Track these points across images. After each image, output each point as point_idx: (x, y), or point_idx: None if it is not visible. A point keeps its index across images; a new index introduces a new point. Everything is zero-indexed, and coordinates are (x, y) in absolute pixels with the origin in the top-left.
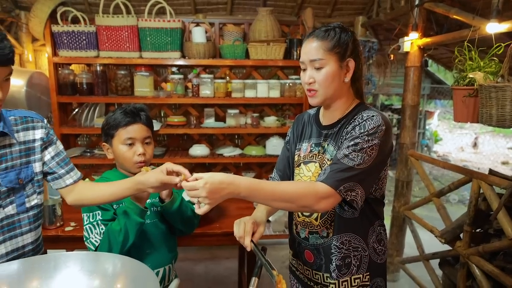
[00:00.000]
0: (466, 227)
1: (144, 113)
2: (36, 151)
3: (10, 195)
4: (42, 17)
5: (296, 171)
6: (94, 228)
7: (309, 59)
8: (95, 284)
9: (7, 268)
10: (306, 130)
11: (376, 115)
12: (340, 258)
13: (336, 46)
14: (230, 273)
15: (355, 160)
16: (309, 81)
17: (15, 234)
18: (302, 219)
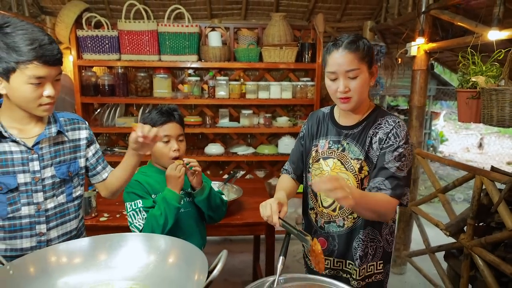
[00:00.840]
0: (469, 221)
1: (177, 113)
2: (81, 149)
3: (62, 185)
4: (68, 23)
5: (315, 166)
6: (137, 214)
7: (345, 70)
8: (151, 259)
9: (80, 244)
10: (322, 127)
11: (400, 120)
12: (363, 249)
13: (366, 56)
14: (244, 266)
15: (404, 170)
16: (345, 90)
17: (64, 220)
18: (321, 210)
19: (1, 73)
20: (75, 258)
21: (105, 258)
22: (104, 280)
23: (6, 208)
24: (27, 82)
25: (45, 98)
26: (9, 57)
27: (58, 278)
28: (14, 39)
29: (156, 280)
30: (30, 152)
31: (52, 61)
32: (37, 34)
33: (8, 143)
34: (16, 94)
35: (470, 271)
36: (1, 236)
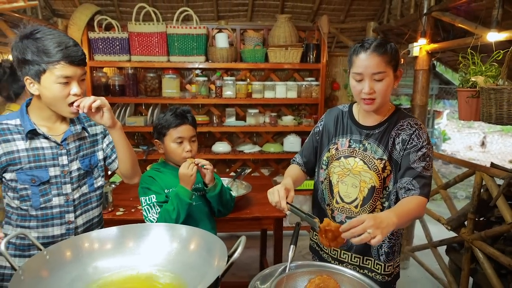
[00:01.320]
0: (470, 215)
1: (190, 115)
2: (99, 142)
3: (85, 177)
4: (80, 25)
5: (335, 164)
6: (151, 208)
7: (372, 72)
8: (174, 246)
9: (109, 232)
10: (341, 125)
11: (420, 122)
12: (389, 246)
13: (392, 59)
14: (251, 261)
15: (429, 170)
16: (370, 92)
17: (87, 209)
18: (341, 205)
19: (34, 75)
20: (104, 245)
21: (132, 246)
22: (130, 265)
23: (39, 199)
24: (56, 81)
25: (72, 96)
26: (40, 59)
27: (88, 263)
28: (43, 43)
29: (179, 266)
30: (59, 148)
31: (77, 61)
32: (63, 38)
33: (40, 140)
34: (46, 93)
35: (471, 264)
36: (34, 225)
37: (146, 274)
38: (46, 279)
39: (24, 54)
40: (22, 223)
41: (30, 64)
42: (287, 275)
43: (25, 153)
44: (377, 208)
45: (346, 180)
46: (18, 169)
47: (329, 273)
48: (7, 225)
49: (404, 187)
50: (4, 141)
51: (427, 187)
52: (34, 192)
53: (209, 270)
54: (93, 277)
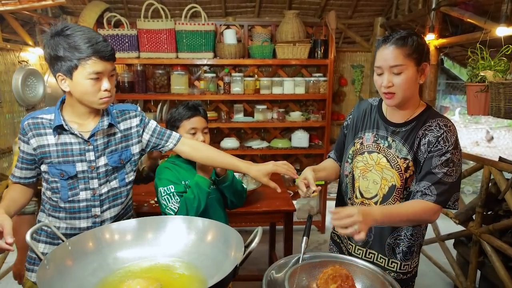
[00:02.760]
0: (478, 209)
1: (201, 108)
2: (133, 137)
3: (114, 172)
4: (90, 22)
5: (359, 158)
6: (171, 198)
7: (389, 65)
8: (192, 237)
9: (129, 224)
10: (368, 120)
11: (451, 124)
12: (408, 246)
13: (414, 52)
14: (260, 255)
15: (452, 175)
16: (388, 85)
17: (116, 203)
18: (360, 200)
19: (66, 72)
20: (124, 237)
21: (150, 237)
22: (148, 256)
23: (67, 192)
24: (87, 77)
25: (103, 92)
26: (72, 55)
27: (109, 253)
28: (74, 39)
29: (196, 257)
30: (87, 144)
31: (108, 56)
32: (93, 34)
33: (69, 135)
34: (78, 89)
35: (479, 257)
36: (63, 216)
37: (164, 264)
38: (70, 268)
39: (56, 51)
40: (53, 213)
41: (62, 61)
42: (301, 265)
43: (54, 147)
44: None
45: (368, 175)
46: (48, 162)
47: (342, 263)
48: (42, 213)
49: (421, 190)
50: (37, 135)
51: (446, 194)
52: (63, 186)
53: (226, 260)
54: (113, 267)
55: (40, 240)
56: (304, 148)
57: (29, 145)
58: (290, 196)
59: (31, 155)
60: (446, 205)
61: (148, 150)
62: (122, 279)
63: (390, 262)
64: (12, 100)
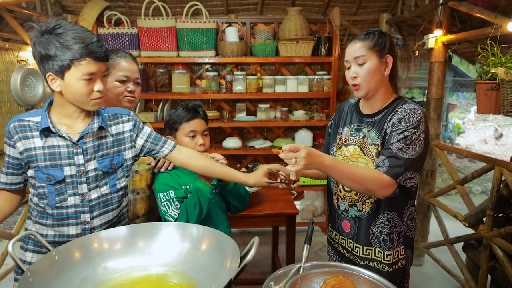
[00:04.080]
0: (488, 211)
1: (201, 109)
2: (126, 141)
3: (105, 177)
4: (90, 21)
5: (338, 153)
6: (171, 204)
7: (353, 57)
8: (185, 246)
9: (119, 232)
10: (347, 116)
11: (416, 108)
12: (387, 233)
13: (376, 45)
14: (263, 257)
15: (408, 152)
16: (353, 76)
17: (107, 210)
18: (343, 194)
19: (57, 71)
20: (114, 245)
21: (142, 245)
22: (140, 265)
23: (54, 198)
24: (80, 78)
25: (96, 93)
26: (64, 55)
27: (98, 263)
28: (66, 38)
29: (190, 266)
30: (75, 147)
31: (102, 57)
32: (86, 34)
33: (56, 138)
34: (70, 90)
35: (489, 262)
36: (50, 223)
37: (157, 274)
38: (55, 280)
39: (48, 50)
40: (40, 220)
41: (54, 60)
42: (302, 276)
43: (41, 151)
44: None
45: None
46: (35, 166)
47: (345, 273)
48: (28, 220)
49: (377, 164)
50: (24, 138)
51: (398, 168)
52: (50, 191)
53: (221, 271)
54: (103, 277)
55: (27, 249)
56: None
57: (15, 148)
58: (293, 198)
59: (17, 159)
60: (397, 180)
61: (142, 155)
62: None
63: (376, 252)
64: (11, 100)
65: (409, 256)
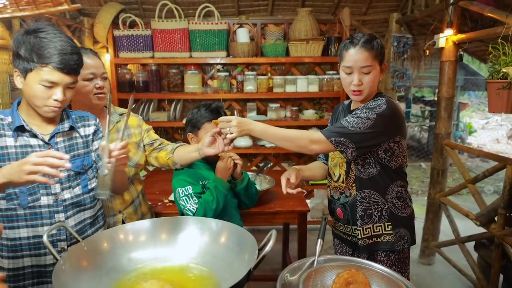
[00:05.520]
0: (500, 210)
1: (223, 111)
2: (91, 144)
3: (77, 178)
4: (106, 23)
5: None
6: (190, 199)
7: (360, 66)
8: (206, 238)
9: (144, 225)
10: (340, 117)
11: (381, 98)
12: (362, 209)
13: (379, 54)
14: (274, 255)
15: (349, 123)
16: (358, 84)
17: (80, 210)
18: (333, 184)
19: (21, 70)
20: (138, 237)
21: (164, 238)
22: (162, 257)
23: (26, 198)
24: (39, 82)
25: (53, 101)
26: (30, 58)
27: (123, 254)
28: (40, 43)
29: (209, 258)
30: (47, 147)
31: (67, 69)
32: (63, 43)
33: (28, 138)
34: (27, 91)
35: (501, 261)
36: (24, 224)
37: (178, 266)
38: (85, 268)
39: (19, 49)
40: (11, 223)
41: (21, 59)
42: (315, 269)
43: (13, 149)
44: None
45: (333, 162)
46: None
47: (358, 267)
48: None
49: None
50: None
51: (336, 134)
52: (22, 191)
53: (239, 263)
54: (128, 268)
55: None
56: None
57: None
58: (304, 196)
59: None
60: (329, 139)
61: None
62: (137, 280)
63: (354, 230)
64: None
65: (404, 235)
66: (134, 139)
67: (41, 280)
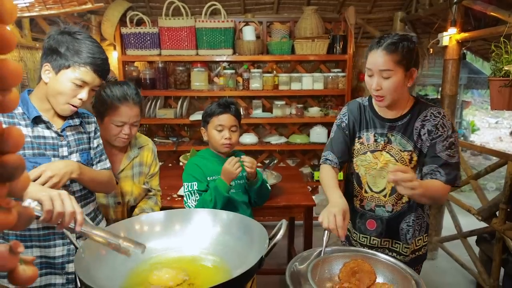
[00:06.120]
0: (502, 205)
1: (233, 106)
2: (91, 140)
3: None
4: (113, 21)
5: (362, 158)
6: (191, 195)
7: (379, 69)
8: (217, 229)
9: (157, 216)
10: (363, 119)
11: (442, 110)
12: (407, 224)
13: (404, 59)
14: (279, 250)
15: (455, 156)
16: (377, 88)
17: (87, 202)
18: (370, 194)
19: (55, 66)
20: (153, 228)
21: (177, 229)
22: (176, 247)
23: None
24: (72, 80)
25: (77, 99)
26: (70, 56)
27: None
28: (80, 45)
29: (221, 248)
30: (60, 139)
31: (100, 71)
32: (98, 49)
33: (42, 129)
34: (56, 86)
35: (502, 254)
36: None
37: (191, 255)
38: (103, 257)
39: (59, 46)
40: None
41: (59, 56)
42: (323, 258)
43: (29, 139)
44: (404, 196)
45: (373, 172)
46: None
47: (363, 257)
48: None
49: (429, 173)
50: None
51: (453, 173)
52: None
53: (250, 252)
54: (142, 257)
55: None
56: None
57: None
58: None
59: None
60: (455, 184)
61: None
62: (151, 268)
63: (403, 248)
64: None
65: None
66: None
67: (49, 271)
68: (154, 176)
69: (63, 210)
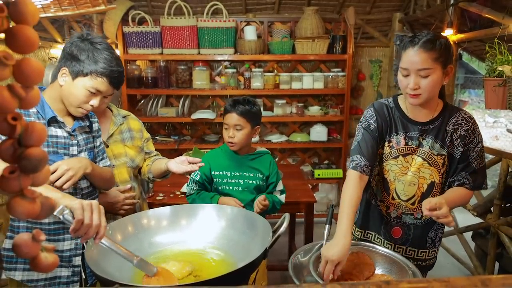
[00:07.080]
0: (496, 201)
1: (241, 106)
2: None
3: None
4: (115, 20)
5: (392, 162)
6: (191, 183)
7: (417, 69)
8: (222, 223)
9: (163, 211)
10: (393, 122)
11: (470, 114)
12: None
13: (442, 56)
14: (280, 246)
15: (484, 161)
16: (415, 87)
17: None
18: (397, 202)
19: (73, 72)
20: (159, 222)
21: (183, 223)
22: (181, 241)
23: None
24: (87, 88)
25: (89, 105)
26: (89, 65)
27: (144, 238)
28: (100, 54)
29: (225, 242)
30: (70, 138)
31: (116, 83)
32: (118, 61)
33: (55, 129)
34: (71, 90)
35: (497, 249)
36: None
37: (196, 249)
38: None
39: (80, 53)
40: None
41: (78, 62)
42: None
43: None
44: None
45: (403, 178)
46: None
47: (363, 249)
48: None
49: (458, 179)
50: None
51: (480, 180)
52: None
53: (254, 246)
54: (149, 250)
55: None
56: (323, 142)
57: None
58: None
59: None
60: (481, 189)
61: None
62: (158, 261)
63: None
64: None
65: None
66: (137, 143)
67: None
68: (149, 140)
69: (91, 222)
